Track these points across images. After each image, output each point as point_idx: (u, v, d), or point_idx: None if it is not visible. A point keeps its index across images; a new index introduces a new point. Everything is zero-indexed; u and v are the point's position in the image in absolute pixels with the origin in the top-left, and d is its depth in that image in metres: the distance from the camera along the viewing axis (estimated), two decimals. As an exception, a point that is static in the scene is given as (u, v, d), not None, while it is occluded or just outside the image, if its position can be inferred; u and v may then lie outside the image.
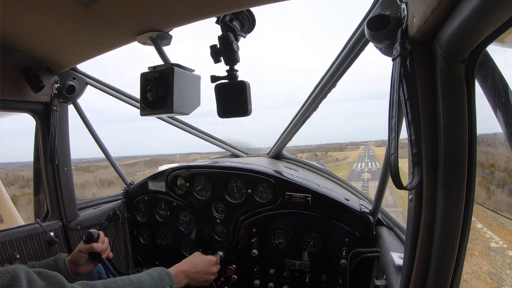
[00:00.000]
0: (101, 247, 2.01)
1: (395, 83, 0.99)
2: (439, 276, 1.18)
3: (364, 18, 1.67)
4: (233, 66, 1.65)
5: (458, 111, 1.00)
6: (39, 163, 2.58)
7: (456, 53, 0.93)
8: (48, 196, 2.60)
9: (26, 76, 2.13)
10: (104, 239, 2.08)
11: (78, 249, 1.97)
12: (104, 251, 2.04)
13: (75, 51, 2.03)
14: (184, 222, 2.88)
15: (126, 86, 2.84)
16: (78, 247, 1.99)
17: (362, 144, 16.20)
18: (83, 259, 1.96)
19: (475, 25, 0.78)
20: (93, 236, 2.00)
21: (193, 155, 8.82)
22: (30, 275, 1.26)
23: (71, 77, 2.46)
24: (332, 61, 2.08)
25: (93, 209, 2.96)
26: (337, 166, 13.03)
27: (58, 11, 1.49)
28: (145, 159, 11.44)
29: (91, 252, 1.99)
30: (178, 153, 10.08)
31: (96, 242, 2.01)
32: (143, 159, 11.38)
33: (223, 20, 1.55)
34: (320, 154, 13.18)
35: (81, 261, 1.96)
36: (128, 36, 1.70)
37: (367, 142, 15.46)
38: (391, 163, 0.97)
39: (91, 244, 1.98)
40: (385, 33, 1.05)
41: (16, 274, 1.19)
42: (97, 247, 1.99)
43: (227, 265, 2.63)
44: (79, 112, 2.72)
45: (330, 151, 14.05)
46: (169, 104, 1.59)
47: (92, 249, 1.97)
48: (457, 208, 1.08)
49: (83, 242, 1.99)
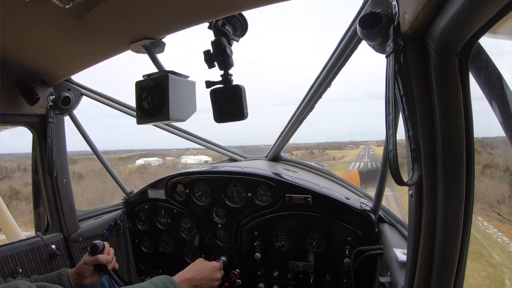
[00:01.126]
0: (107, 259, 1.99)
1: (390, 79, 0.99)
2: (444, 269, 1.18)
3: (356, 17, 1.68)
4: (227, 71, 1.65)
5: (453, 104, 1.01)
6: (38, 176, 2.57)
7: (449, 47, 0.94)
8: (48, 208, 2.59)
9: (21, 89, 2.12)
10: (109, 250, 2.06)
11: (84, 261, 1.95)
12: (110, 263, 2.02)
13: (69, 62, 2.03)
14: (185, 228, 2.87)
15: (121, 95, 2.84)
16: (84, 259, 1.97)
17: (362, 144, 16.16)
18: (88, 271, 1.94)
19: (466, 18, 0.79)
20: (98, 248, 1.97)
21: (190, 150, 8.81)
22: None
23: (66, 89, 2.46)
24: (325, 61, 2.08)
25: (93, 220, 2.94)
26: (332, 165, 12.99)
27: (51, 23, 1.49)
28: (141, 152, 11.45)
29: (96, 264, 1.96)
30: (175, 148, 10.08)
31: (101, 253, 1.98)
32: (139, 152, 11.39)
33: (216, 25, 1.55)
34: (317, 152, 13.11)
35: (87, 273, 1.94)
36: (121, 45, 1.70)
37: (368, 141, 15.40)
38: (390, 159, 0.97)
39: (97, 256, 1.95)
40: (377, 30, 1.05)
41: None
42: (103, 258, 1.96)
43: (230, 269, 2.63)
44: (75, 123, 2.71)
45: (328, 149, 13.98)
46: (165, 111, 1.58)
47: (97, 261, 1.95)
48: (457, 201, 1.08)
49: (88, 254, 1.97)
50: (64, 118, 2.56)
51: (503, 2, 0.70)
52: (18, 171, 5.79)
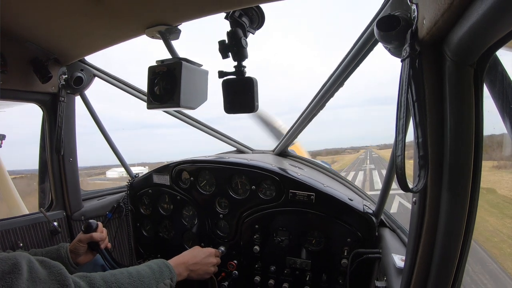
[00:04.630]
0: (100, 236, 2.05)
1: (404, 84, 0.98)
2: (440, 280, 1.18)
3: (374, 19, 1.66)
4: (241, 62, 1.65)
5: (465, 115, 1.00)
6: (45, 153, 2.60)
7: (465, 57, 0.92)
8: (53, 186, 2.62)
9: (34, 66, 2.14)
10: (102, 229, 2.11)
11: (78, 238, 2.01)
12: (103, 241, 2.07)
13: (84, 43, 2.03)
14: (187, 216, 2.90)
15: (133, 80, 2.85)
16: (78, 237, 2.02)
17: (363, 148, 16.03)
18: (82, 248, 1.99)
19: (485, 29, 0.78)
20: (92, 226, 2.03)
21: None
22: (32, 263, 1.25)
23: (79, 69, 2.48)
24: (340, 60, 2.07)
25: (97, 200, 2.98)
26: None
27: (68, 3, 1.50)
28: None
29: (90, 242, 2.02)
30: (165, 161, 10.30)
31: (95, 231, 2.04)
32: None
33: (232, 15, 1.54)
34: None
35: (81, 250, 1.99)
36: (137, 29, 1.71)
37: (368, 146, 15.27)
38: (397, 164, 0.96)
39: (91, 234, 2.01)
40: (394, 33, 1.04)
41: (17, 261, 1.18)
42: (96, 236, 2.02)
43: (228, 260, 2.64)
44: (86, 104, 2.73)
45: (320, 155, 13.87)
46: (176, 98, 1.59)
47: (91, 238, 2.01)
48: (460, 213, 1.08)
49: (82, 232, 2.03)
50: (75, 98, 2.57)
51: None
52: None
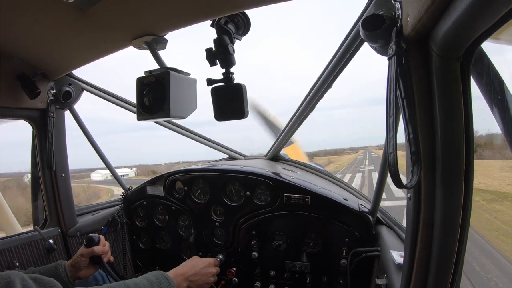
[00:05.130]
0: (102, 250, 2.01)
1: (392, 82, 0.99)
2: (440, 272, 1.18)
3: (359, 18, 1.68)
4: (229, 69, 1.65)
5: (454, 108, 1.01)
6: (37, 170, 2.56)
7: (451, 51, 0.94)
8: (46, 203, 2.59)
9: (22, 82, 2.12)
10: (104, 242, 2.08)
11: (80, 253, 1.97)
12: (105, 255, 2.04)
13: (71, 57, 2.02)
14: (183, 226, 2.87)
15: (122, 91, 2.83)
16: (80, 251, 1.98)
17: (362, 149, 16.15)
18: (84, 263, 1.96)
19: (469, 22, 0.79)
20: (94, 240, 2.00)
21: (179, 164, 8.99)
22: (26, 281, 1.25)
23: (67, 83, 2.46)
24: (327, 62, 2.08)
25: (91, 215, 2.94)
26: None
27: (54, 17, 1.49)
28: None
29: (92, 256, 1.98)
30: (163, 163, 10.27)
31: (97, 245, 2.00)
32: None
33: (218, 23, 1.55)
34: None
35: (82, 265, 1.95)
36: (123, 40, 1.70)
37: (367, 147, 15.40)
38: (390, 162, 0.97)
39: (92, 248, 1.97)
40: (379, 32, 1.05)
41: (11, 280, 1.18)
42: (98, 250, 1.99)
43: (227, 268, 2.62)
44: (75, 118, 2.71)
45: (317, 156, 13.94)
46: (166, 108, 1.58)
47: (93, 252, 1.97)
48: (456, 205, 1.09)
49: (84, 246, 1.99)
50: (64, 112, 2.55)
51: (506, 7, 0.70)
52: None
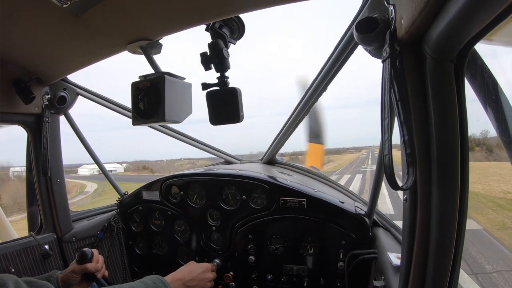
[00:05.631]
0: (96, 267, 1.91)
1: (386, 84, 1.00)
2: (438, 273, 1.19)
3: (353, 21, 1.68)
4: (224, 73, 1.64)
5: (449, 110, 1.01)
6: (32, 175, 2.55)
7: (444, 53, 0.94)
8: (41, 208, 2.57)
9: (16, 87, 2.11)
10: (98, 257, 1.97)
11: (71, 269, 1.86)
12: (99, 271, 1.94)
13: (66, 62, 2.02)
14: (179, 231, 2.86)
15: (117, 96, 2.83)
16: (71, 267, 1.88)
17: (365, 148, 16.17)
18: (75, 280, 1.85)
19: (462, 24, 0.79)
20: (87, 256, 1.89)
21: (181, 160, 8.92)
22: (19, 284, 1.24)
23: (62, 88, 2.45)
24: (321, 66, 2.08)
25: (87, 221, 2.92)
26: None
27: (48, 22, 1.49)
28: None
29: (85, 273, 1.89)
30: (165, 159, 10.25)
31: (90, 261, 1.90)
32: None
33: (213, 27, 1.55)
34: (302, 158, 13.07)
35: (73, 281, 1.85)
36: (118, 45, 1.70)
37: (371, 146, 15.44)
38: (385, 164, 0.97)
39: (85, 265, 1.87)
40: (373, 35, 1.05)
41: (4, 282, 1.17)
42: (91, 267, 1.88)
43: (224, 272, 2.61)
44: (70, 123, 2.70)
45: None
46: (161, 112, 1.57)
47: (86, 270, 1.87)
48: (452, 206, 1.09)
49: (76, 262, 1.89)
50: (59, 117, 2.54)
51: (498, 9, 0.71)
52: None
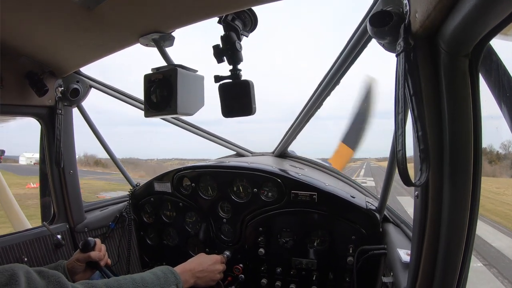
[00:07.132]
0: (99, 256, 1.97)
1: (400, 79, 0.98)
2: (447, 271, 1.18)
3: (366, 15, 1.67)
4: (236, 66, 1.64)
5: (462, 105, 1.00)
6: (45, 166, 2.59)
7: (459, 48, 0.93)
8: (54, 199, 2.62)
9: (30, 80, 2.14)
10: (100, 246, 2.03)
11: (76, 257, 1.93)
12: (102, 259, 2.00)
13: (78, 54, 2.04)
14: (190, 222, 2.89)
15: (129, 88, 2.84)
16: (75, 256, 1.95)
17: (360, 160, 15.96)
18: (80, 267, 1.93)
19: (478, 19, 0.78)
20: (90, 244, 1.95)
21: (172, 160, 9.03)
22: (30, 273, 1.24)
23: (75, 81, 2.47)
24: (335, 59, 2.07)
25: (99, 211, 2.97)
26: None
27: (61, 15, 1.50)
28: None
29: (89, 261, 1.95)
30: (156, 158, 10.37)
31: (93, 250, 1.96)
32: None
33: (225, 20, 1.54)
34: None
35: (78, 269, 1.92)
36: (130, 38, 1.71)
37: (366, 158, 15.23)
38: (398, 159, 0.96)
39: (89, 253, 1.93)
40: (387, 29, 1.04)
41: (15, 272, 1.17)
42: (95, 255, 1.94)
43: (234, 264, 2.63)
44: (83, 115, 2.73)
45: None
46: (173, 105, 1.58)
47: (89, 258, 1.93)
48: (463, 203, 1.08)
49: (80, 251, 1.96)
50: (72, 109, 2.58)
51: None
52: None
